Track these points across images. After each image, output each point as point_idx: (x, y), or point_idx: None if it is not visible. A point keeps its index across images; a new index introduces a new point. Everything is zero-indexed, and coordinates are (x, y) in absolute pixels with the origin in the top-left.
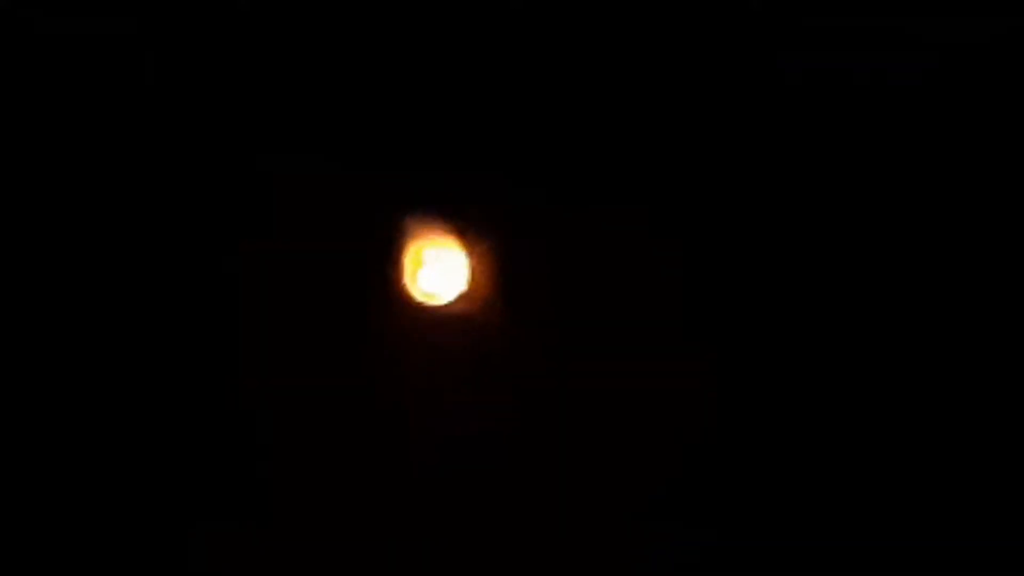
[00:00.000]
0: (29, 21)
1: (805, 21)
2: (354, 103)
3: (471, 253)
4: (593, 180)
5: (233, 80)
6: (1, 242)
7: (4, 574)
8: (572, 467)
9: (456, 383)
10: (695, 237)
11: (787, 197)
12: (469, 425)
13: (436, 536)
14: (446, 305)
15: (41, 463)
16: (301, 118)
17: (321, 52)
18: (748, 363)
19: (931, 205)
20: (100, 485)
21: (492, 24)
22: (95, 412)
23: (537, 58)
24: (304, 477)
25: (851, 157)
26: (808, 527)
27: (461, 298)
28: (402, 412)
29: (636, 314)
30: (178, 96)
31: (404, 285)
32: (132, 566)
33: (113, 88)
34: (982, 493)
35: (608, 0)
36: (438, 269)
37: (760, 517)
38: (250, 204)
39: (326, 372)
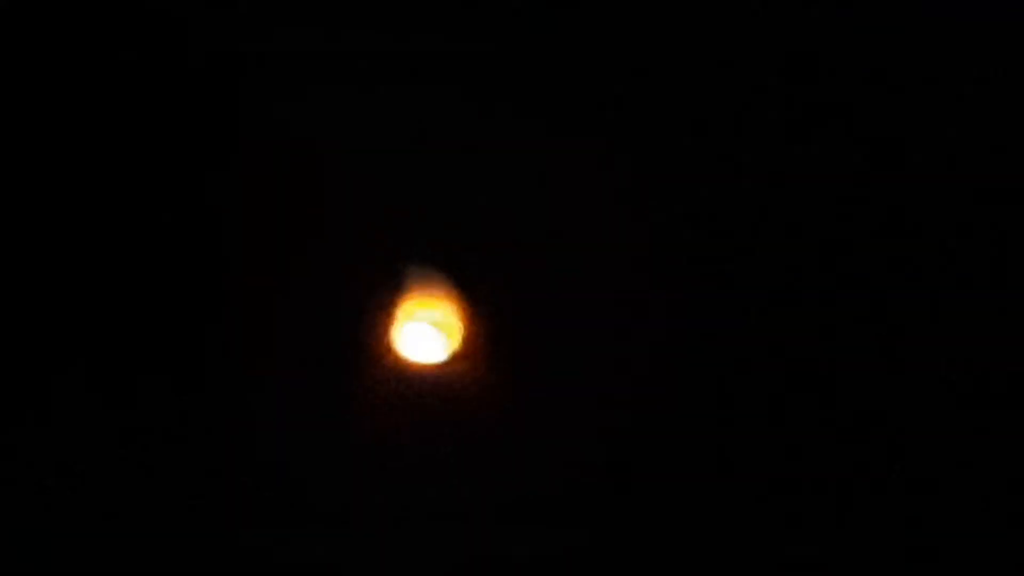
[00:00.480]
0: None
1: None
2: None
3: (462, 314)
4: (582, 242)
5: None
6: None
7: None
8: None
9: (444, 445)
10: (691, 309)
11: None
12: (456, 489)
13: None
14: (436, 366)
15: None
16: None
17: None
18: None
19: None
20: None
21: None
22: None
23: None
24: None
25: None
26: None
27: (451, 359)
28: (388, 472)
29: (624, 376)
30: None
31: (393, 345)
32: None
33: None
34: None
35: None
36: (428, 329)
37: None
38: (244, 256)
39: (311, 428)
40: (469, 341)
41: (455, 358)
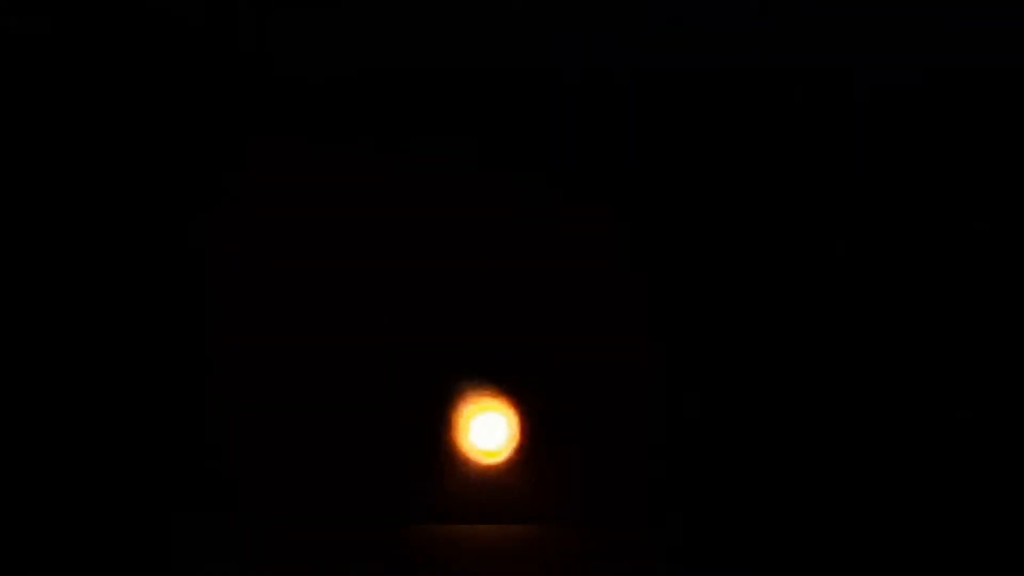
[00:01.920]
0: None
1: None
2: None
3: (520, 413)
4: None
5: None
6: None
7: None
8: None
9: (504, 541)
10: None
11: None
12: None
13: None
14: (496, 463)
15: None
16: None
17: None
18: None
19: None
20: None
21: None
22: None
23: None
24: None
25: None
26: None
27: (510, 456)
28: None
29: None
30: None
31: (456, 443)
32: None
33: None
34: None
35: None
36: (488, 428)
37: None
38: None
39: (374, 530)
40: (526, 432)
41: (512, 456)
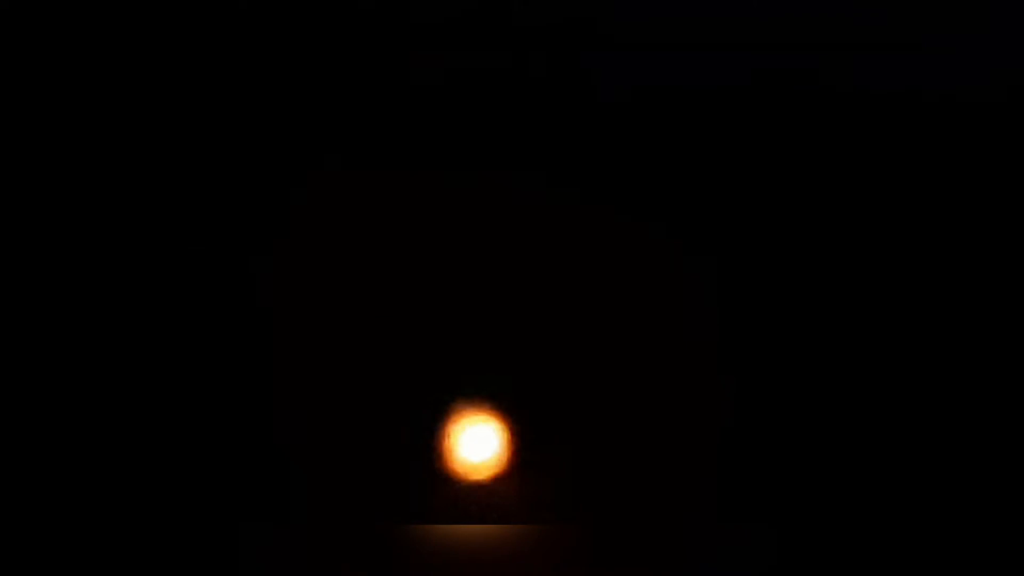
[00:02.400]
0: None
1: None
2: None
3: (509, 428)
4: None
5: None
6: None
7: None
8: None
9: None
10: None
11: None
12: None
13: None
14: (484, 478)
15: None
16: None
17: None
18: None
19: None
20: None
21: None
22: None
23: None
24: None
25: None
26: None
27: (499, 471)
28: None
29: (669, 484)
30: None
31: (444, 459)
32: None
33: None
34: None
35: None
36: (477, 444)
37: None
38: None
39: (363, 547)
40: (515, 445)
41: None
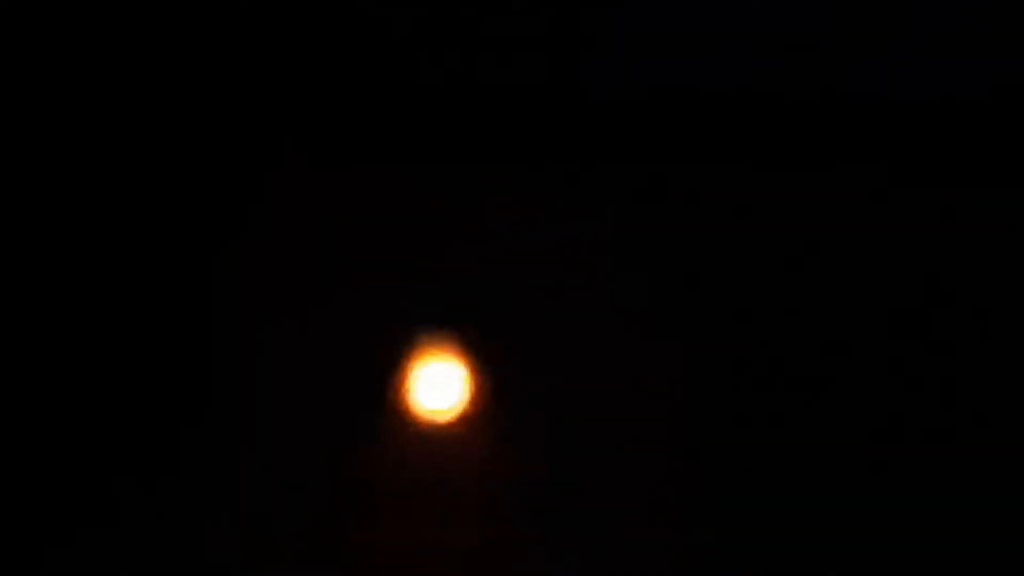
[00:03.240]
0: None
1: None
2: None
3: (471, 368)
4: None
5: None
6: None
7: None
8: None
9: (454, 495)
10: (694, 346)
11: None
12: (466, 536)
13: None
14: (446, 418)
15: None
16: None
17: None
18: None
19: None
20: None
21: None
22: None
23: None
24: None
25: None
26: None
27: (460, 411)
28: (399, 523)
29: (631, 419)
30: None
31: (405, 399)
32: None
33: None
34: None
35: None
36: (438, 384)
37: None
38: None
39: (324, 483)
40: (477, 389)
41: (464, 404)
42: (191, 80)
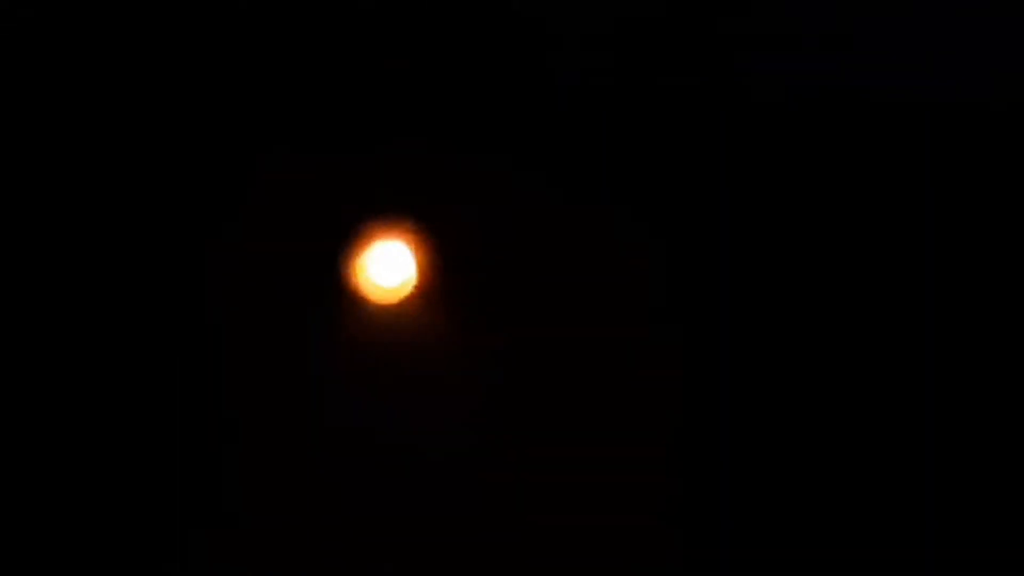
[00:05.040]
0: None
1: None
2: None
3: (421, 247)
4: (548, 176)
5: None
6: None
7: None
8: (531, 462)
9: (407, 374)
10: (659, 232)
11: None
12: (426, 417)
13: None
14: (397, 298)
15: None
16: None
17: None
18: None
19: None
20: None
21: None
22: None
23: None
24: (264, 474)
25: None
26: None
27: (411, 291)
28: (357, 403)
29: (591, 305)
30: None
31: (355, 280)
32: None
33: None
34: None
35: None
36: (388, 263)
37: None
38: (217, 204)
39: (283, 366)
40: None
41: (413, 290)
42: (181, 72)
